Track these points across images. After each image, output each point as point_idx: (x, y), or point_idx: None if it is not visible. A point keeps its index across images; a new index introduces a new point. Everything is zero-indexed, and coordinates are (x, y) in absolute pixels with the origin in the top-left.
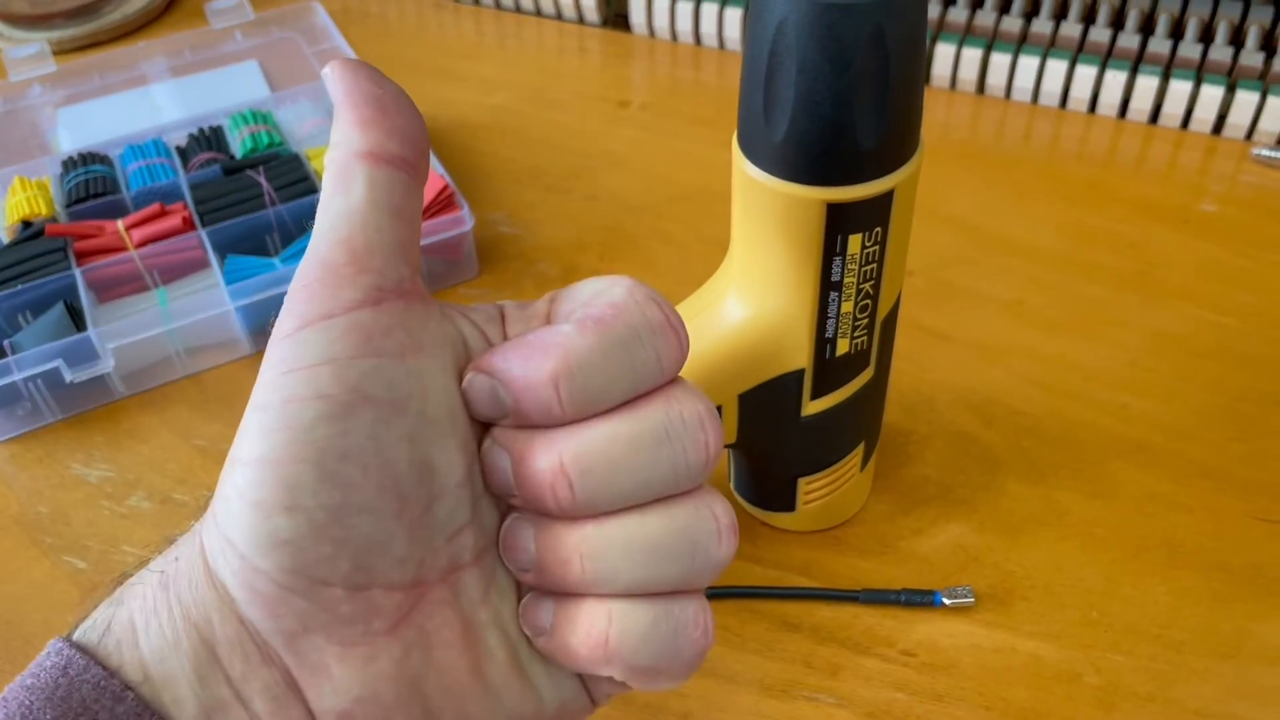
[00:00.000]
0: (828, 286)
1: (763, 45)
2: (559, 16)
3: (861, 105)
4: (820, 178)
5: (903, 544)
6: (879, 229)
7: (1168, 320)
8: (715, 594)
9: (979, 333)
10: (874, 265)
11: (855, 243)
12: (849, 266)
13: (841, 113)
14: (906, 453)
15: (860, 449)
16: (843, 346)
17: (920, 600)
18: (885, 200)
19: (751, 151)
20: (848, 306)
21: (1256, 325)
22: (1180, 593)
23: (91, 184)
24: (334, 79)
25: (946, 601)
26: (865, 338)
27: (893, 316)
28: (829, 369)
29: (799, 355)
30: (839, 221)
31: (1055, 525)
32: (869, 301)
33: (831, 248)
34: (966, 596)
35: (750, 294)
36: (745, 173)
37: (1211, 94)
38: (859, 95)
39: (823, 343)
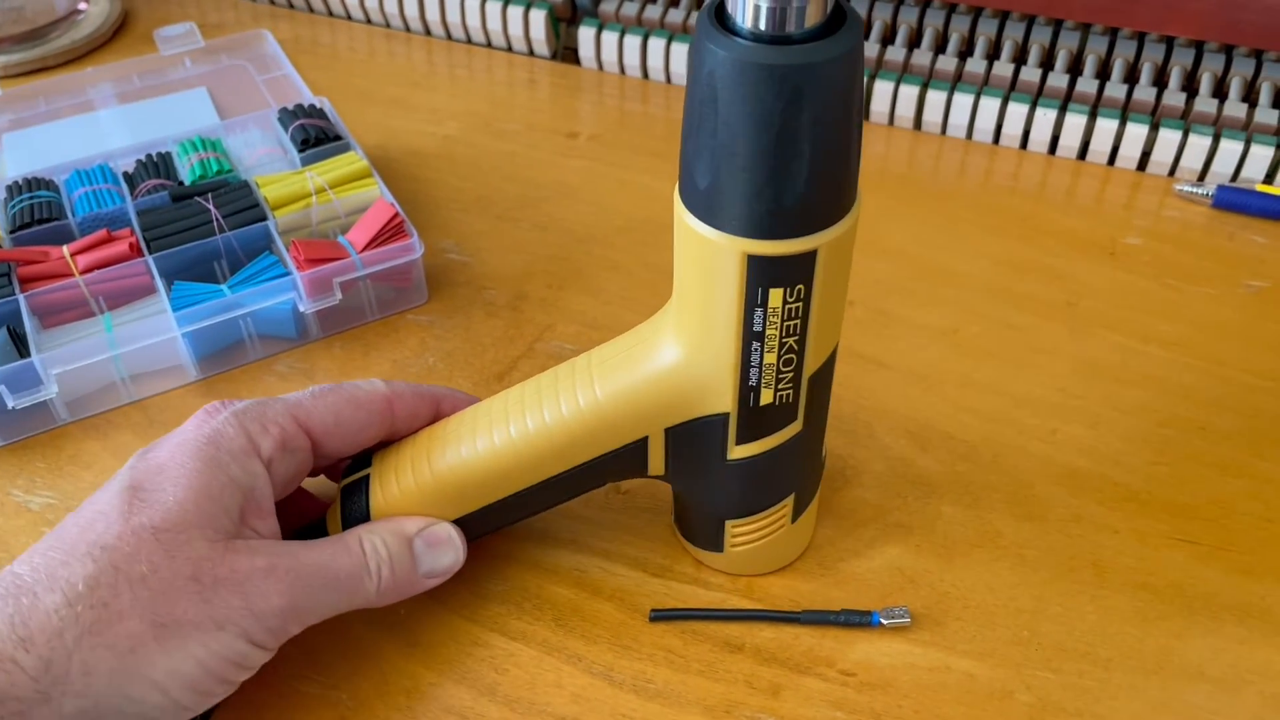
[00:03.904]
0: (750, 336)
1: (696, 94)
2: (509, 49)
3: (779, 164)
4: (739, 229)
5: (842, 566)
6: (801, 286)
7: (1094, 349)
8: (660, 616)
9: (915, 361)
10: (797, 321)
11: (776, 296)
12: (770, 319)
13: (758, 169)
14: (845, 477)
15: (790, 501)
16: (766, 397)
17: (858, 621)
18: (808, 259)
19: (684, 196)
20: (770, 358)
21: (1178, 354)
22: (1107, 611)
23: (36, 209)
24: None
25: (884, 621)
26: (791, 391)
27: (825, 374)
28: (753, 417)
29: (724, 399)
30: (759, 273)
31: (988, 547)
32: (793, 356)
33: (753, 298)
34: (903, 617)
35: (683, 333)
36: (679, 215)
37: (1136, 132)
38: (777, 154)
39: (746, 390)
